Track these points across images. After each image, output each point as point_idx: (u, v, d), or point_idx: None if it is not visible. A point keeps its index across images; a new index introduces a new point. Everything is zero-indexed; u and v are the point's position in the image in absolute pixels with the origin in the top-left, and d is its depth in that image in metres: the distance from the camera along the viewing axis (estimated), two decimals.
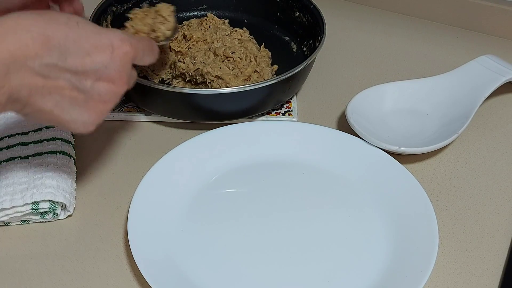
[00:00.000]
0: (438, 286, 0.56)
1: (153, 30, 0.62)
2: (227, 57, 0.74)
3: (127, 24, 0.62)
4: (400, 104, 0.75)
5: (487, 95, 0.74)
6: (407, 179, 0.63)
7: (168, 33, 0.63)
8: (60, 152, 0.62)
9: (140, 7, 0.86)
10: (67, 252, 0.58)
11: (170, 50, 0.79)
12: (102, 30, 0.48)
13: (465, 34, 0.93)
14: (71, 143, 0.65)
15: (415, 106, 0.75)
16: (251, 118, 0.73)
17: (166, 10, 0.63)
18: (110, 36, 0.47)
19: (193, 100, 0.68)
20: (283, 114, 0.75)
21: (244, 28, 0.81)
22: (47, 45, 0.43)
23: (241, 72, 0.72)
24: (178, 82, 0.75)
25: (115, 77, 0.47)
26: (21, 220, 0.59)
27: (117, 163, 0.67)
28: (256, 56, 0.76)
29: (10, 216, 0.58)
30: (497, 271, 0.58)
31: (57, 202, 0.58)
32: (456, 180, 0.67)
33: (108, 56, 0.46)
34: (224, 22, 0.83)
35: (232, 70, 0.73)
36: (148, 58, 0.55)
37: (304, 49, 0.83)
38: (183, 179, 0.63)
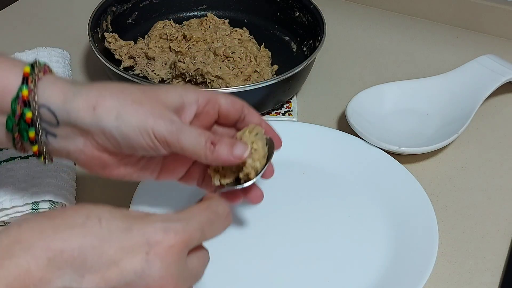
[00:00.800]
0: (438, 286, 0.56)
1: (239, 170, 0.48)
2: (227, 57, 0.74)
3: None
4: (400, 104, 0.75)
5: (487, 95, 0.74)
6: (407, 179, 0.63)
7: (258, 164, 0.47)
8: None
9: (140, 8, 0.87)
10: None
11: (170, 50, 0.79)
12: (137, 221, 0.35)
13: (465, 34, 0.93)
14: None
15: (415, 106, 0.75)
16: None
17: (250, 135, 0.48)
18: (146, 229, 0.35)
19: None
20: (283, 114, 0.75)
21: (244, 28, 0.82)
22: (56, 262, 0.32)
23: (241, 72, 0.72)
24: (178, 82, 0.75)
25: (156, 287, 0.34)
26: None
27: None
28: (256, 56, 0.76)
29: (10, 216, 0.57)
30: (497, 271, 0.58)
31: (57, 202, 0.58)
32: (456, 180, 0.67)
33: (142, 261, 0.34)
34: (224, 22, 0.83)
35: (232, 70, 0.73)
36: (216, 230, 0.39)
37: (304, 49, 0.83)
38: None
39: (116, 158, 0.46)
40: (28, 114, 0.42)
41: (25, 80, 0.42)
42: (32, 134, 0.43)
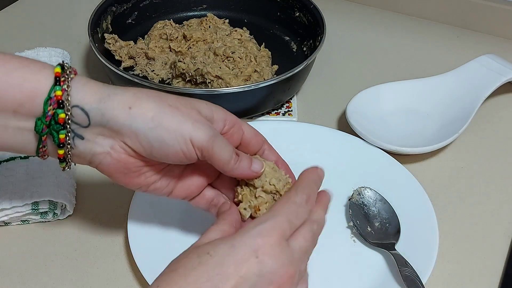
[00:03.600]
0: (438, 286, 0.56)
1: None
2: (227, 57, 0.74)
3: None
4: (400, 104, 0.75)
5: (487, 95, 0.74)
6: (407, 179, 0.63)
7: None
8: None
9: (140, 8, 0.87)
10: (67, 252, 0.58)
11: (170, 50, 0.79)
12: (236, 237, 0.39)
13: (465, 34, 0.93)
14: None
15: (415, 106, 0.75)
16: (251, 118, 0.73)
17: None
18: (246, 240, 0.39)
19: None
20: (283, 114, 0.75)
21: (244, 28, 0.82)
22: None
23: (241, 72, 0.72)
24: (178, 82, 0.74)
25: (276, 279, 0.38)
26: (21, 220, 0.59)
27: None
28: (256, 56, 0.76)
29: (10, 216, 0.58)
30: (497, 271, 0.58)
31: (57, 202, 0.58)
32: (456, 180, 0.67)
33: (256, 263, 0.38)
34: (224, 22, 0.83)
35: (232, 70, 0.73)
36: (301, 217, 0.43)
37: (304, 49, 0.83)
38: None
39: (141, 164, 0.45)
40: (61, 115, 0.41)
41: (57, 80, 0.41)
42: (62, 136, 0.42)
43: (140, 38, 0.82)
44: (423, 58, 0.87)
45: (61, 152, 0.43)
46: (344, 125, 0.72)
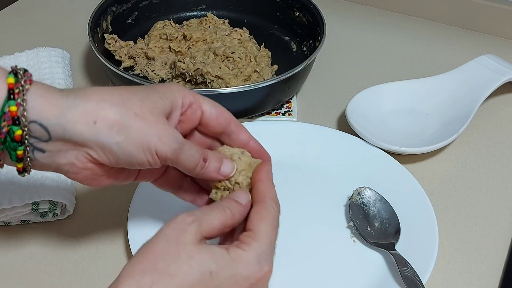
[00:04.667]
0: (438, 286, 0.56)
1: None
2: (227, 57, 0.74)
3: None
4: (400, 104, 0.75)
5: (487, 95, 0.74)
6: (407, 179, 0.63)
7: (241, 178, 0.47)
8: None
9: (140, 8, 0.87)
10: (67, 252, 0.58)
11: (170, 50, 0.79)
12: (237, 265, 0.39)
13: (465, 34, 0.93)
14: None
15: (415, 106, 0.75)
16: (251, 118, 0.73)
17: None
18: (244, 272, 0.39)
19: None
20: (283, 114, 0.75)
21: (244, 28, 0.82)
22: None
23: (241, 72, 0.72)
24: (178, 82, 0.74)
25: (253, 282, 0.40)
26: (21, 220, 0.59)
27: None
28: (256, 56, 0.76)
29: (10, 216, 0.58)
30: (497, 271, 0.58)
31: (57, 202, 0.58)
32: (456, 180, 0.67)
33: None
34: (224, 22, 0.83)
35: (232, 70, 0.73)
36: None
37: (304, 49, 0.83)
38: None
39: (106, 168, 0.44)
40: (18, 132, 0.38)
41: (10, 93, 0.37)
42: (20, 152, 0.39)
43: (140, 38, 0.82)
44: (423, 58, 0.87)
45: (19, 165, 0.40)
46: (344, 125, 0.72)
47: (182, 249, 0.38)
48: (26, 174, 0.42)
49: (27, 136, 0.38)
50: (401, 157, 0.67)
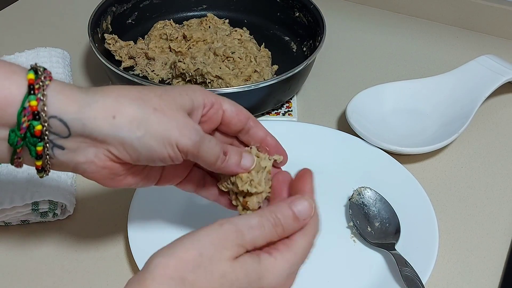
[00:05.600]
0: (438, 286, 0.56)
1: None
2: (227, 57, 0.74)
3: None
4: (400, 104, 0.75)
5: (487, 95, 0.74)
6: (407, 179, 0.63)
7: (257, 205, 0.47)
8: None
9: (140, 8, 0.87)
10: (67, 252, 0.58)
11: (170, 50, 0.79)
12: (268, 271, 0.38)
13: (465, 34, 0.93)
14: None
15: (415, 106, 0.75)
16: None
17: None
18: (274, 276, 0.38)
19: None
20: (283, 114, 0.75)
21: (244, 28, 0.82)
22: None
23: (241, 72, 0.72)
24: (178, 82, 0.74)
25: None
26: (21, 220, 0.59)
27: None
28: (256, 56, 0.76)
29: (10, 216, 0.58)
30: (497, 271, 0.58)
31: (57, 202, 0.58)
32: (456, 180, 0.67)
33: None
34: (224, 22, 0.83)
35: (232, 70, 0.73)
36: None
37: (304, 49, 0.83)
38: None
39: (127, 167, 0.44)
40: (38, 127, 0.38)
41: (31, 88, 0.38)
42: (40, 148, 0.39)
43: (140, 38, 0.82)
44: (423, 58, 0.87)
45: (39, 163, 0.40)
46: (344, 125, 0.72)
47: (216, 267, 0.36)
48: (44, 174, 0.42)
49: (47, 132, 0.39)
50: (401, 157, 0.67)
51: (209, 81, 0.71)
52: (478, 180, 0.67)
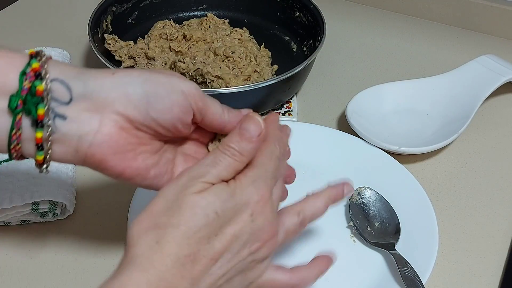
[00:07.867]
0: (438, 286, 0.56)
1: None
2: (227, 57, 0.74)
3: None
4: (400, 104, 0.75)
5: (487, 95, 0.74)
6: (407, 179, 0.63)
7: None
8: None
9: (140, 7, 0.87)
10: (67, 252, 0.58)
11: (170, 50, 0.79)
12: (239, 196, 0.39)
13: (465, 34, 0.93)
14: None
15: (415, 106, 0.75)
16: None
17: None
18: (246, 197, 0.39)
19: None
20: (283, 114, 0.75)
21: (244, 28, 0.82)
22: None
23: (241, 72, 0.72)
24: None
25: (263, 237, 0.40)
26: (21, 220, 0.59)
27: None
28: (256, 56, 0.76)
29: (10, 216, 0.58)
30: (497, 271, 0.58)
31: (57, 202, 0.58)
32: (456, 180, 0.67)
33: (248, 223, 0.39)
34: (224, 22, 0.83)
35: (232, 70, 0.73)
36: (283, 168, 0.45)
37: (304, 49, 0.83)
38: None
39: (135, 141, 0.41)
40: (40, 87, 0.38)
41: (33, 57, 0.39)
42: (41, 111, 0.38)
43: (140, 38, 0.82)
44: (423, 58, 0.87)
45: (39, 135, 0.38)
46: (344, 125, 0.72)
47: (183, 202, 0.37)
48: (45, 170, 0.41)
49: (48, 96, 0.38)
50: (401, 157, 0.67)
51: (209, 81, 0.71)
52: (478, 180, 0.67)
